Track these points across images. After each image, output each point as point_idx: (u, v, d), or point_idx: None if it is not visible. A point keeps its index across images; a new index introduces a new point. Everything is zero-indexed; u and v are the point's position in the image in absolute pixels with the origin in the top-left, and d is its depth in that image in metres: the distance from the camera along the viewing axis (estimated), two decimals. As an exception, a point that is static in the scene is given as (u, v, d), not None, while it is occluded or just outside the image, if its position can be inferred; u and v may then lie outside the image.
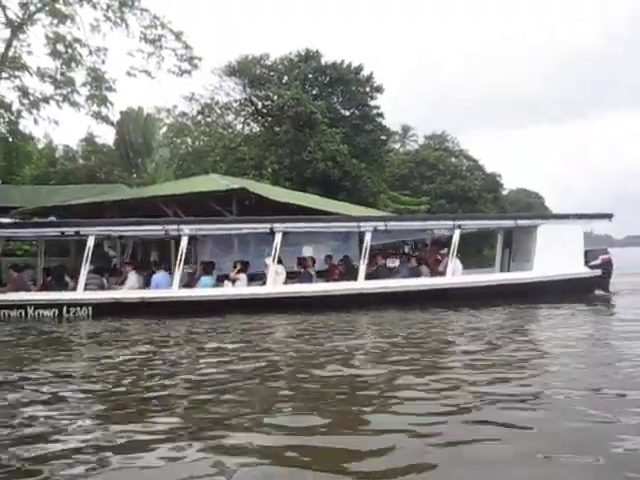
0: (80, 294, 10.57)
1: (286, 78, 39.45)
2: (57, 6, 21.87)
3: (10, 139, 24.68)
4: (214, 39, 66.00)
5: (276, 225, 10.99)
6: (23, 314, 10.41)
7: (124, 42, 38.26)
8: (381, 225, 11.40)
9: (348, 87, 39.97)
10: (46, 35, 22.02)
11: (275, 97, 37.75)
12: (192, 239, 13.64)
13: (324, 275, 12.92)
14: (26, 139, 25.18)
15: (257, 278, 11.55)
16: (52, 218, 13.94)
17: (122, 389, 4.50)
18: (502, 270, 13.31)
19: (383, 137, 41.82)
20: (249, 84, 38.92)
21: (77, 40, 22.13)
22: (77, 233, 11.36)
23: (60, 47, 22.17)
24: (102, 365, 5.58)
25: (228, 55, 65.21)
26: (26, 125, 23.91)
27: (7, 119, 22.70)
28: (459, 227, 11.49)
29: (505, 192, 67.13)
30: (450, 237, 11.69)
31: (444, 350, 6.28)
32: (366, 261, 11.00)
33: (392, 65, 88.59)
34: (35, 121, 22.42)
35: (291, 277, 11.86)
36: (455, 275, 11.49)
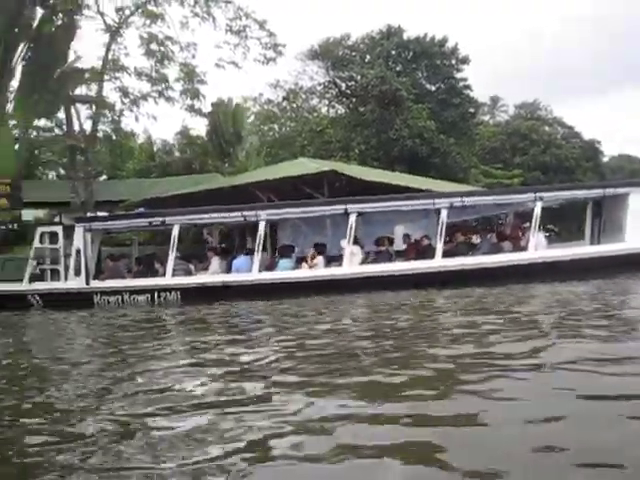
0: (168, 280, 11.10)
1: (369, 57, 39.21)
2: (149, 7, 23.03)
3: (114, 137, 26.45)
4: (295, 24, 66.49)
5: (350, 206, 10.95)
6: (120, 300, 11.09)
7: (211, 36, 39.56)
8: (457, 201, 10.97)
9: (433, 61, 39.11)
10: (140, 36, 23.33)
11: (359, 77, 37.69)
12: (272, 223, 13.97)
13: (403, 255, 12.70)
14: (128, 136, 26.95)
15: (336, 260, 11.43)
16: (141, 210, 14.77)
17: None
18: (592, 243, 12.55)
19: (471, 110, 40.62)
20: (332, 66, 39.10)
21: (168, 38, 23.27)
22: (163, 223, 11.94)
23: (153, 46, 23.40)
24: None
25: (310, 39, 65.52)
26: (127, 123, 25.45)
27: (111, 118, 24.38)
28: (541, 199, 10.87)
29: (605, 159, 63.12)
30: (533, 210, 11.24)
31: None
32: (443, 238, 10.70)
33: (479, 35, 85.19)
34: (136, 118, 23.91)
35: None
36: (538, 249, 10.93)
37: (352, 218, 10.80)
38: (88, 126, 23.44)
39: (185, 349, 5.54)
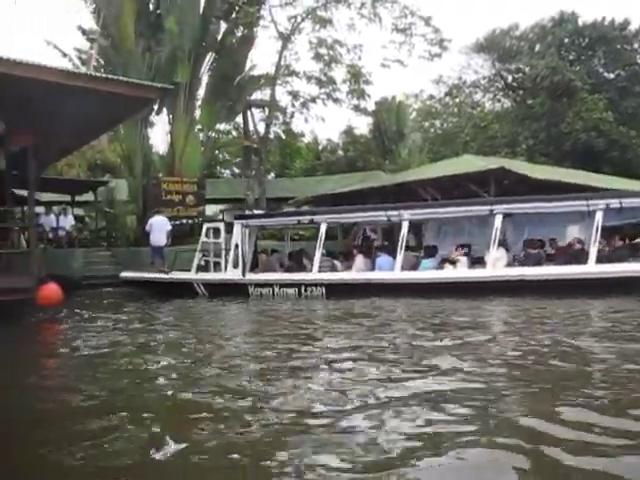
0: (315, 275, 11.57)
1: (538, 47, 37.16)
2: (318, 13, 24.11)
3: (284, 137, 28.12)
4: (460, 18, 64.88)
5: (496, 207, 10.55)
6: (271, 292, 11.82)
7: (377, 36, 40.30)
8: (615, 202, 9.92)
9: (612, 46, 35.97)
10: (309, 41, 24.55)
11: (527, 68, 35.94)
12: (418, 223, 13.81)
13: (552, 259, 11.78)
14: (297, 137, 28.49)
15: (480, 262, 10.91)
16: (291, 208, 15.43)
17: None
18: None
19: (657, 98, 36.76)
20: (498, 58, 37.72)
21: (336, 41, 24.16)
22: (311, 221, 12.52)
23: (322, 50, 24.48)
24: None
25: (475, 32, 63.61)
26: (297, 124, 26.86)
27: (282, 120, 25.97)
28: None
29: None
30: None
31: None
32: (597, 242, 9.82)
33: (666, 12, 75.77)
34: (305, 120, 25.22)
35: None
36: None
37: (498, 219, 10.44)
38: (261, 128, 25.25)
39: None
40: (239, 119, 25.70)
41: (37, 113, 8.93)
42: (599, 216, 9.90)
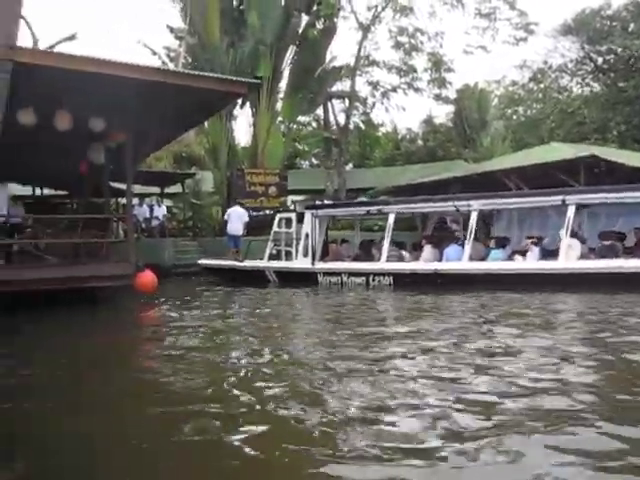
0: (382, 265, 11.57)
1: (632, 26, 34.95)
2: (398, 0, 23.88)
3: (363, 127, 28.11)
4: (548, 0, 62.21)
5: (568, 197, 10.12)
6: (340, 280, 11.93)
7: (459, 22, 39.40)
8: None
9: None
10: (389, 30, 24.37)
11: (619, 49, 33.92)
12: (489, 214, 13.60)
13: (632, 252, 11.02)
14: (376, 127, 28.40)
15: (553, 254, 10.44)
16: (362, 198, 15.48)
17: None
18: None
19: None
20: (587, 40, 35.80)
21: (417, 29, 23.85)
22: (380, 211, 12.58)
23: (402, 39, 24.25)
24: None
25: (563, 14, 60.71)
26: (377, 114, 26.76)
27: (362, 111, 25.98)
28: None
29: None
30: None
31: None
32: None
33: None
34: (386, 109, 25.10)
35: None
36: None
37: (570, 209, 10.05)
38: (341, 119, 25.37)
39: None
40: (319, 111, 25.94)
41: (133, 110, 9.44)
42: None
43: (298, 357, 4.93)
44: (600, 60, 36.71)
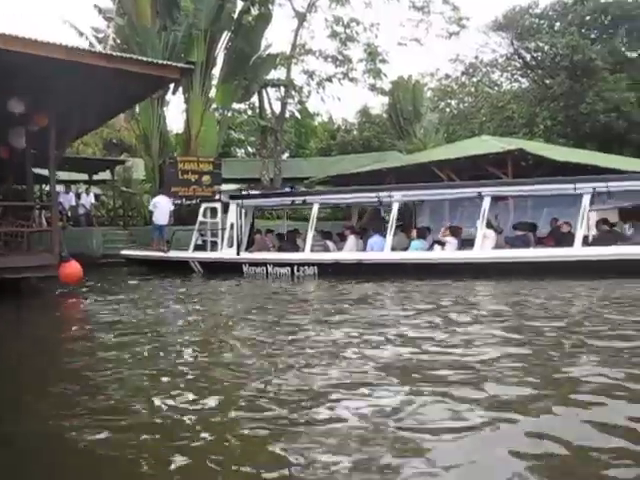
0: (307, 255, 11.71)
1: (558, 25, 36.40)
2: (336, -11, 23.81)
3: (299, 117, 27.97)
4: (477, -6, 63.88)
5: (484, 189, 10.61)
6: (265, 271, 11.94)
7: (394, 14, 39.72)
8: (602, 186, 9.97)
9: (635, 24, 35.09)
10: (325, 19, 24.30)
11: (546, 47, 35.24)
12: (411, 205, 14.06)
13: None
14: (312, 116, 28.33)
15: (471, 244, 10.90)
16: (287, 189, 15.48)
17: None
18: None
19: (681, 78, 36.02)
20: (516, 37, 36.98)
21: (353, 19, 23.88)
22: (304, 202, 12.75)
23: (338, 28, 24.22)
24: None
25: (494, 11, 62.47)
26: (313, 104, 26.65)
27: (298, 100, 25.80)
28: None
29: None
30: None
31: None
32: (583, 226, 9.92)
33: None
34: (321, 99, 25.05)
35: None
36: None
37: (486, 201, 10.53)
38: (277, 107, 25.14)
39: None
40: (255, 98, 25.59)
41: (56, 93, 8.97)
42: (586, 200, 10.00)
43: (223, 358, 4.79)
44: (528, 57, 38.04)
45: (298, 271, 11.59)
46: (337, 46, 24.25)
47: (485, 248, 10.49)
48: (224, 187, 22.52)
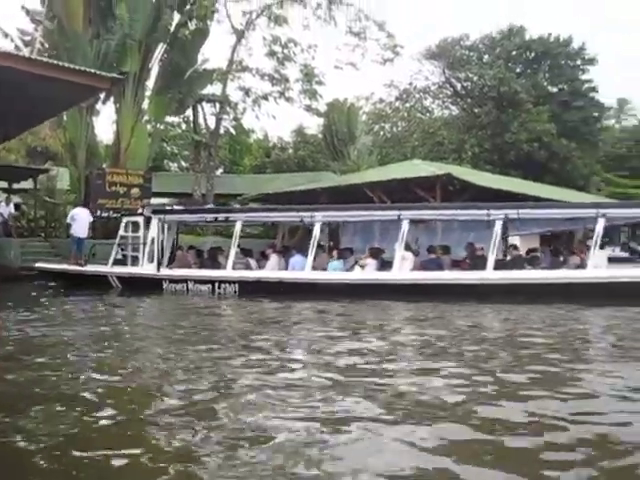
0: (229, 272, 11.62)
1: (487, 57, 38.29)
2: (274, 10, 23.92)
3: (234, 133, 27.78)
4: (413, 25, 66.06)
5: (403, 212, 10.94)
6: (185, 287, 11.77)
7: (331, 37, 40.31)
8: (513, 213, 10.61)
9: (556, 61, 37.49)
10: (263, 37, 24.33)
11: (475, 78, 36.89)
12: (335, 225, 14.29)
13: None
14: (247, 133, 28.21)
15: (391, 265, 11.18)
16: (210, 205, 15.40)
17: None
18: None
19: (595, 113, 38.51)
20: (448, 66, 38.51)
21: (291, 40, 24.05)
22: (227, 219, 12.74)
23: (276, 47, 24.32)
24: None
25: (428, 40, 64.71)
26: (248, 121, 26.54)
27: (233, 116, 25.64)
28: (603, 216, 10.19)
29: None
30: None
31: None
32: (495, 250, 10.39)
33: (608, 33, 79.80)
34: (257, 117, 24.97)
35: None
36: (598, 269, 10.34)
37: (404, 224, 10.83)
38: (212, 123, 24.87)
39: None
40: (189, 112, 25.25)
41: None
42: (498, 226, 10.49)
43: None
44: (459, 86, 39.62)
45: (219, 288, 11.45)
46: (274, 65, 24.32)
47: (403, 270, 10.74)
48: (155, 201, 22.06)
